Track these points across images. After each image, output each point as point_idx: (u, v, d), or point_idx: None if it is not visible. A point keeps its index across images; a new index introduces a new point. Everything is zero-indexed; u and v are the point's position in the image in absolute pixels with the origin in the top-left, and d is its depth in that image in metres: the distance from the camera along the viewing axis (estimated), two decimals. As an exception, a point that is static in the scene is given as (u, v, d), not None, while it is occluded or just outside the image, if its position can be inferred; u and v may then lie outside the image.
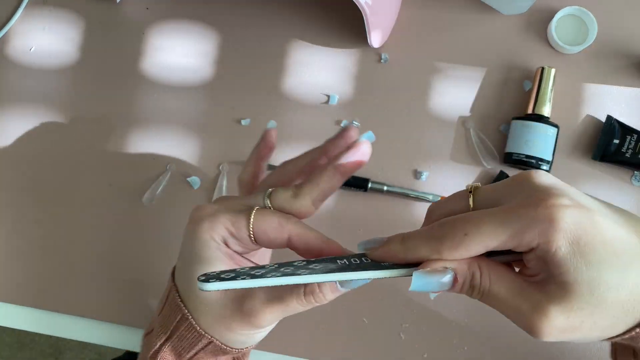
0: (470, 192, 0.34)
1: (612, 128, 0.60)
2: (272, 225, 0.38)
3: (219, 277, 0.34)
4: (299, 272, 0.34)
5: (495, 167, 0.62)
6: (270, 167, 0.63)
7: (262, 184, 0.45)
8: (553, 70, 0.60)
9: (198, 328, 0.40)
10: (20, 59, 0.68)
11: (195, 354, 0.42)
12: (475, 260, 0.32)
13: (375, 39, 0.61)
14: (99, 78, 0.67)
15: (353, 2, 0.55)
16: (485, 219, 0.31)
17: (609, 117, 0.60)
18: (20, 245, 0.65)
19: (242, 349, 0.43)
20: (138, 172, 0.65)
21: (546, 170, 0.59)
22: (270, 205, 0.40)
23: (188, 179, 0.64)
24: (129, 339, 0.63)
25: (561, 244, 0.29)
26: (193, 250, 0.39)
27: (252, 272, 0.34)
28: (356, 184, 0.61)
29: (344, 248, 0.38)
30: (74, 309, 0.63)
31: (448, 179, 0.62)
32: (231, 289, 0.38)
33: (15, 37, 0.68)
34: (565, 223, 0.29)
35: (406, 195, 0.61)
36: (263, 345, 0.61)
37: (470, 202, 0.34)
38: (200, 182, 0.64)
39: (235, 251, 0.40)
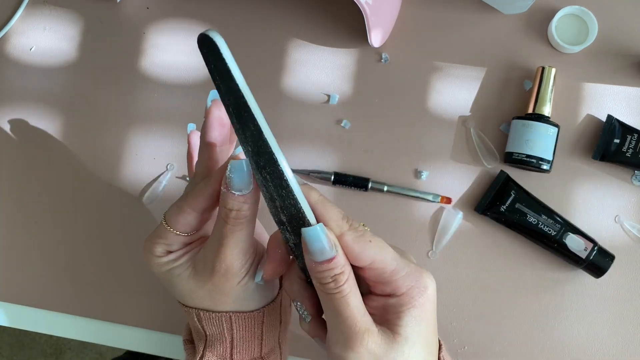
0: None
1: (613, 127, 0.60)
2: (175, 209, 0.42)
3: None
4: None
5: (496, 167, 0.62)
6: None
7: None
8: (553, 70, 0.60)
9: (213, 312, 0.44)
10: (20, 58, 0.68)
11: (232, 340, 0.45)
12: (350, 265, 0.37)
13: (376, 38, 0.61)
14: (100, 78, 0.67)
15: (353, 1, 0.55)
16: (389, 248, 0.38)
17: (609, 117, 0.60)
18: (20, 245, 0.65)
19: (262, 308, 0.45)
20: (138, 172, 0.65)
21: (547, 170, 0.59)
22: (165, 222, 0.43)
23: (189, 178, 0.64)
24: (129, 339, 0.63)
25: (415, 307, 0.38)
26: (159, 276, 0.45)
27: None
28: (357, 183, 0.61)
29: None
30: (74, 309, 0.63)
31: (448, 179, 0.62)
32: (194, 272, 0.43)
33: (16, 37, 0.68)
34: (427, 298, 0.38)
35: (406, 195, 0.61)
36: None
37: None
38: None
39: (182, 248, 0.44)
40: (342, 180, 0.62)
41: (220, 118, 0.44)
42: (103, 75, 0.67)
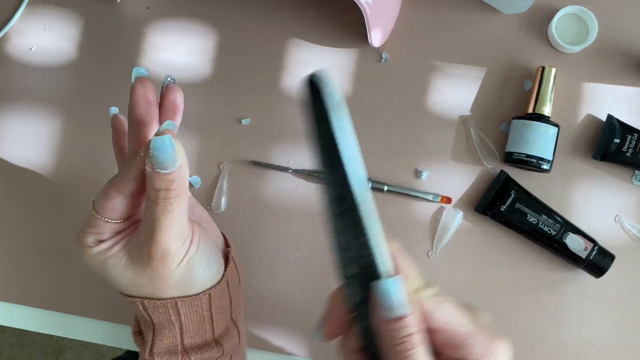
0: None
1: (613, 127, 0.60)
2: (102, 194, 0.41)
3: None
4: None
5: (496, 167, 0.62)
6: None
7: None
8: (553, 70, 0.60)
9: (157, 300, 0.42)
10: (20, 58, 0.68)
11: (180, 326, 0.43)
12: (426, 327, 0.34)
13: (376, 38, 0.61)
14: (100, 77, 0.67)
15: (354, 1, 0.55)
16: (461, 311, 0.35)
17: (609, 117, 0.60)
18: (19, 245, 0.65)
19: (208, 290, 0.44)
20: (138, 171, 0.65)
21: (547, 170, 0.59)
22: (93, 208, 0.42)
23: (189, 178, 0.64)
24: (129, 339, 0.63)
25: None
26: (94, 267, 0.43)
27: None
28: (356, 183, 0.61)
29: None
30: (74, 309, 0.63)
31: (448, 179, 0.62)
32: (127, 260, 0.41)
33: (16, 37, 0.68)
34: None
35: (407, 195, 0.61)
36: (263, 345, 0.61)
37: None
38: (201, 181, 0.64)
39: (114, 236, 0.42)
40: (342, 180, 0.61)
41: (145, 95, 0.41)
42: (103, 75, 0.67)
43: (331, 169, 0.33)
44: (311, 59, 0.65)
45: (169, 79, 0.44)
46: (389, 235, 0.35)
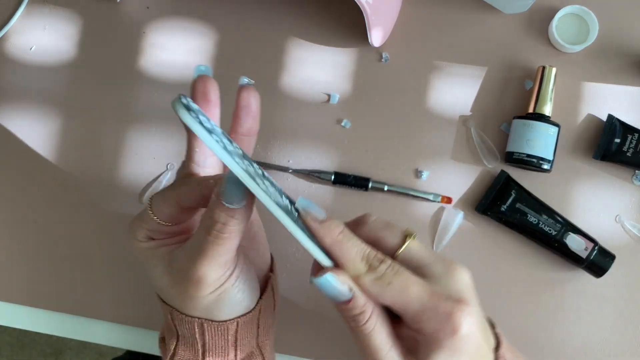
0: (406, 237, 0.38)
1: (613, 127, 0.60)
2: (161, 196, 0.40)
3: (198, 117, 0.34)
4: (257, 180, 0.34)
5: (496, 167, 0.62)
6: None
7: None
8: (554, 69, 0.60)
9: (185, 315, 0.42)
10: (20, 57, 0.68)
11: (203, 344, 0.43)
12: (372, 301, 0.37)
13: (376, 38, 0.61)
14: (100, 77, 0.67)
15: (354, 1, 0.55)
16: (411, 285, 0.36)
17: (610, 116, 0.60)
18: (20, 245, 0.65)
19: (236, 319, 0.43)
20: (138, 171, 0.65)
21: (547, 170, 0.59)
22: (149, 205, 0.41)
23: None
24: (129, 339, 0.63)
25: (446, 348, 0.35)
26: (139, 260, 0.43)
27: (224, 141, 0.35)
28: (357, 183, 0.61)
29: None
30: (74, 309, 0.63)
31: (449, 179, 0.62)
32: (169, 267, 0.40)
33: (16, 36, 0.68)
34: (459, 338, 0.36)
35: (407, 195, 0.61)
36: (263, 344, 0.61)
37: (402, 246, 0.38)
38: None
39: (164, 237, 0.42)
40: (343, 180, 0.62)
41: (205, 94, 0.41)
42: (103, 74, 0.67)
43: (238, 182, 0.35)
44: (311, 58, 0.65)
45: (245, 80, 0.43)
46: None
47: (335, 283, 0.36)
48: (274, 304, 0.48)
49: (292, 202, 0.39)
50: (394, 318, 0.38)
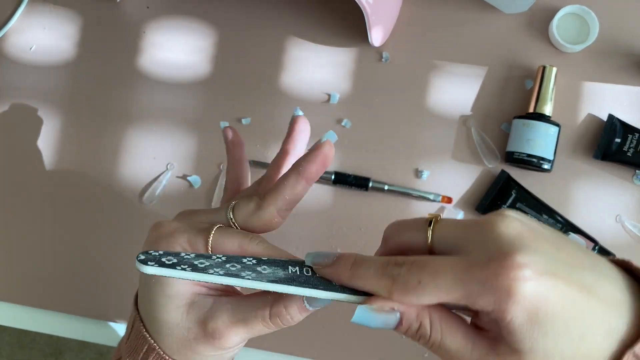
0: (430, 224, 0.32)
1: (614, 127, 0.60)
2: (232, 248, 0.36)
3: (159, 260, 0.32)
4: (243, 273, 0.32)
5: (497, 166, 0.61)
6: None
7: (240, 195, 0.43)
8: (554, 69, 0.60)
9: (167, 358, 0.39)
10: (20, 57, 0.68)
11: None
12: (427, 308, 0.31)
13: (376, 37, 0.61)
14: (99, 77, 0.67)
15: (354, 0, 0.55)
16: (442, 271, 0.29)
17: (610, 116, 0.60)
18: (20, 245, 0.65)
19: None
20: (138, 171, 0.65)
21: (548, 170, 0.59)
22: (234, 221, 0.38)
23: (189, 178, 0.64)
24: (129, 339, 0.63)
25: (517, 315, 0.28)
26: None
27: (196, 262, 0.32)
28: (357, 183, 0.61)
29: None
30: (74, 309, 0.63)
31: (449, 178, 0.62)
32: (193, 309, 0.37)
33: (16, 36, 0.68)
34: (524, 297, 0.27)
35: (407, 195, 0.61)
36: (263, 344, 0.61)
37: (429, 237, 0.32)
38: (200, 181, 0.64)
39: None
40: (343, 179, 0.61)
41: (302, 132, 0.43)
42: (103, 74, 0.67)
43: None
44: (311, 58, 0.65)
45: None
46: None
47: (370, 313, 0.31)
48: None
49: (293, 263, 0.35)
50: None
